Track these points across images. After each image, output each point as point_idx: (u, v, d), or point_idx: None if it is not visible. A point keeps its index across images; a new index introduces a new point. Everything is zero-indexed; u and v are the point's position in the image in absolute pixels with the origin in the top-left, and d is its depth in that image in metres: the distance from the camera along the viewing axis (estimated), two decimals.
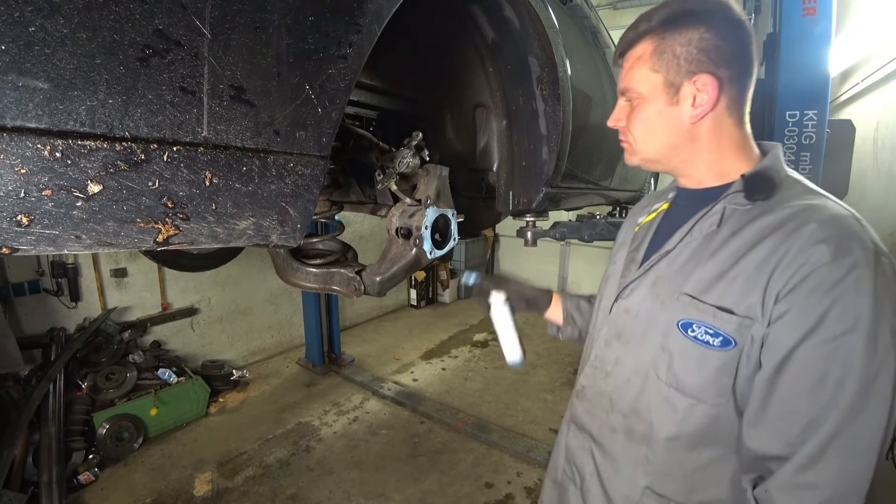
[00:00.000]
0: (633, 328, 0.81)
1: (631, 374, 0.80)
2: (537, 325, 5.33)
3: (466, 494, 2.55)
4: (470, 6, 1.15)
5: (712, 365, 0.68)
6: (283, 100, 0.52)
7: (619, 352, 0.83)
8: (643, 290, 0.80)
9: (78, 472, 2.54)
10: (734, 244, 0.69)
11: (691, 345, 0.70)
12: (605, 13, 5.76)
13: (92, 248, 0.43)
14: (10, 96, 0.35)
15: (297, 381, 3.92)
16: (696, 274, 0.71)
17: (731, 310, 0.66)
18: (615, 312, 0.85)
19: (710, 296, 0.69)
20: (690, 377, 0.71)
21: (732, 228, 0.70)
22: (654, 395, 0.75)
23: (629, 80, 0.76)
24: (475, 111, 1.36)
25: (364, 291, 0.95)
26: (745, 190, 0.71)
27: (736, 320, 0.66)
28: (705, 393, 0.69)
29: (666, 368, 0.73)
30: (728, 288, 0.67)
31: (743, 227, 0.69)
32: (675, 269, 0.76)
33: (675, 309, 0.72)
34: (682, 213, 0.81)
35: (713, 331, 0.68)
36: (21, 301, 2.88)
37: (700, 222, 0.75)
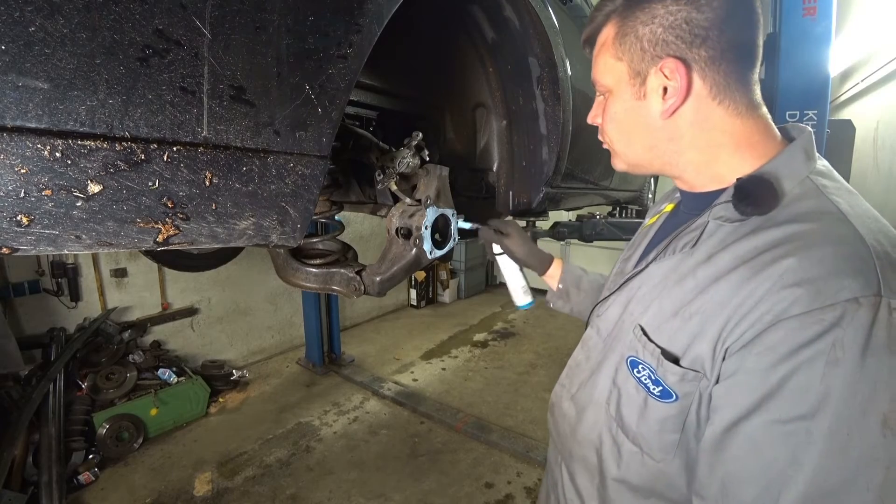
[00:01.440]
0: (598, 351, 0.72)
1: (588, 402, 0.70)
2: (538, 325, 5.35)
3: (466, 494, 2.55)
4: (470, 6, 1.15)
5: (654, 415, 0.58)
6: (283, 100, 0.52)
7: (584, 376, 0.73)
8: (616, 309, 0.69)
9: (78, 472, 2.54)
10: (703, 273, 0.55)
11: (635, 386, 0.61)
12: None
13: (92, 248, 0.43)
14: (10, 96, 0.35)
15: (297, 381, 3.92)
16: (657, 304, 0.60)
17: (676, 357, 0.55)
18: (589, 331, 0.77)
19: (661, 334, 0.58)
20: (633, 422, 0.61)
21: (709, 251, 0.56)
22: (604, 429, 0.66)
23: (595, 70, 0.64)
24: (475, 111, 1.36)
25: (364, 291, 0.95)
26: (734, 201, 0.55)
27: (679, 372, 0.54)
28: (648, 445, 0.59)
29: (615, 407, 0.64)
30: (681, 328, 0.55)
31: (719, 251, 0.55)
32: (644, 291, 0.64)
33: (629, 341, 0.63)
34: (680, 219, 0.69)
35: (654, 378, 0.57)
36: (21, 301, 2.88)
37: (677, 239, 0.62)
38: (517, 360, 4.32)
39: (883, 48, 2.81)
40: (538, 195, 1.31)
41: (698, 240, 0.58)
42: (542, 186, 1.29)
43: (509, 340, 4.88)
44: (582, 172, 1.57)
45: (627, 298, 0.67)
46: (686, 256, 0.59)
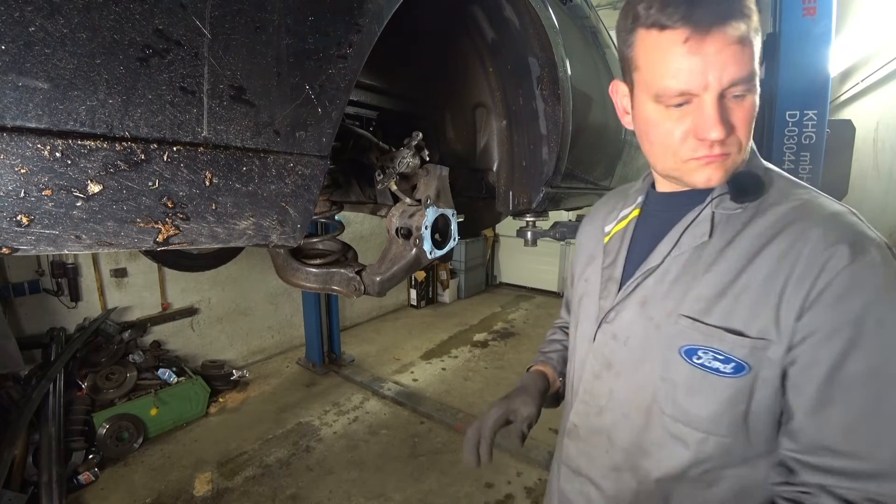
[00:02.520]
0: (624, 356, 0.71)
1: (629, 407, 0.70)
2: (537, 324, 5.35)
3: (466, 494, 2.55)
4: (470, 6, 1.15)
5: (725, 394, 0.60)
6: (283, 100, 0.52)
7: (612, 383, 0.73)
8: (631, 312, 0.71)
9: (78, 472, 2.54)
10: (731, 255, 0.62)
11: (699, 373, 0.62)
12: (605, 13, 5.76)
13: (92, 248, 0.43)
14: (10, 96, 0.35)
15: (297, 381, 3.92)
16: (694, 292, 0.63)
17: (740, 331, 0.59)
18: (601, 340, 0.75)
19: (712, 316, 0.61)
20: (700, 409, 0.62)
21: (726, 237, 0.63)
22: (659, 430, 0.67)
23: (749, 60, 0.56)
24: (475, 111, 1.36)
25: (364, 291, 0.95)
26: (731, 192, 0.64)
27: (748, 343, 0.58)
28: (718, 424, 0.62)
29: (671, 401, 0.65)
30: (733, 306, 0.60)
31: (737, 234, 0.63)
32: (665, 287, 0.67)
33: (674, 333, 0.64)
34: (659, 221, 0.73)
35: (723, 356, 0.60)
36: (21, 301, 2.88)
37: (688, 232, 0.67)
38: (517, 360, 4.32)
39: (883, 48, 2.81)
40: (538, 195, 1.31)
41: (712, 230, 0.65)
42: (542, 186, 1.29)
43: (509, 340, 4.88)
44: (582, 172, 1.57)
45: (642, 298, 0.70)
46: (703, 245, 0.65)
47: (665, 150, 0.64)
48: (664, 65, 0.58)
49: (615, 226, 0.82)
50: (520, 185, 1.34)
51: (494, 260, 7.24)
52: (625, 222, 0.80)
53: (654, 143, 0.66)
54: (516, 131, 1.31)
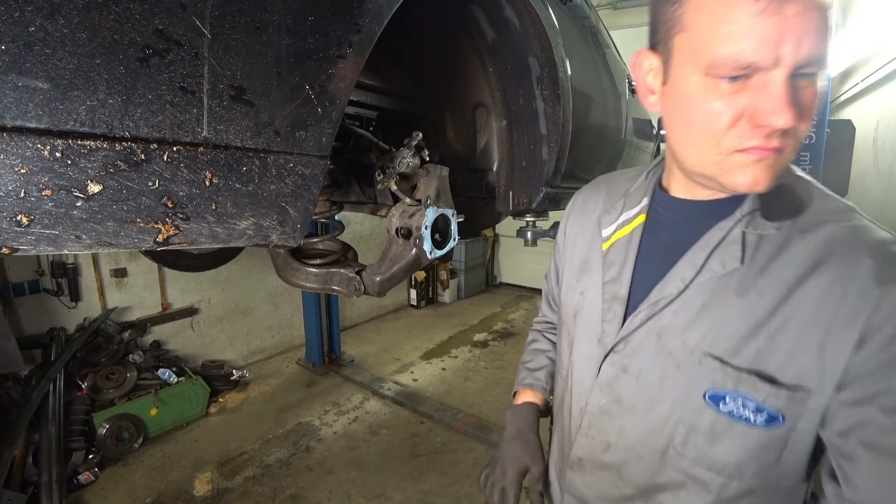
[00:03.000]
0: (636, 393, 0.63)
1: (642, 448, 0.63)
2: None
3: (466, 494, 2.55)
4: (470, 6, 1.15)
5: (754, 443, 0.54)
6: (283, 100, 0.52)
7: (622, 421, 0.65)
8: (645, 343, 0.62)
9: (78, 472, 2.54)
10: (766, 287, 0.53)
11: (725, 421, 0.55)
12: (605, 13, 5.76)
13: (92, 248, 0.43)
14: (10, 96, 0.35)
15: (297, 381, 3.92)
16: (721, 327, 0.55)
17: (774, 378, 0.52)
18: (608, 372, 0.66)
19: (742, 357, 0.54)
20: (725, 456, 0.56)
21: (759, 263, 0.54)
22: (676, 471, 0.60)
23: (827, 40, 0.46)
24: (475, 111, 1.36)
25: (364, 291, 0.95)
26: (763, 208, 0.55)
27: (784, 394, 0.51)
28: (743, 471, 0.56)
29: (691, 446, 0.58)
30: (768, 347, 0.52)
31: (771, 261, 0.54)
32: (686, 319, 0.58)
33: (697, 374, 0.56)
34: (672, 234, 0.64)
35: (754, 405, 0.53)
36: (21, 301, 2.88)
37: (715, 256, 0.57)
38: (517, 360, 4.29)
39: (883, 48, 2.81)
40: (538, 195, 1.31)
41: (743, 254, 0.55)
42: (542, 186, 1.29)
43: (509, 340, 4.88)
44: (582, 172, 1.57)
45: (658, 330, 0.61)
46: (732, 272, 0.56)
47: (706, 137, 0.51)
48: (727, 24, 0.45)
49: (615, 231, 0.70)
50: (520, 185, 1.34)
51: (494, 260, 7.24)
52: (628, 228, 0.69)
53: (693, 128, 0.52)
54: (516, 131, 1.31)
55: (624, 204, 0.72)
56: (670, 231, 0.64)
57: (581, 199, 0.85)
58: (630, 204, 0.71)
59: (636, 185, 0.72)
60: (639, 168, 0.77)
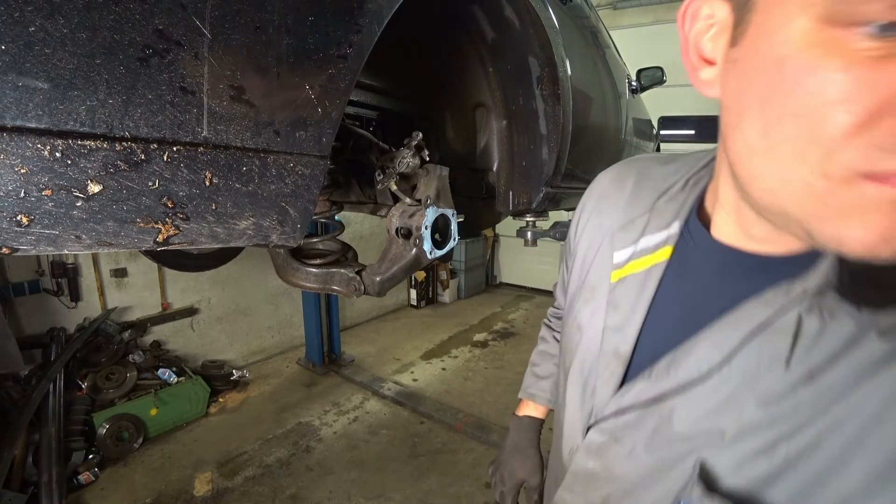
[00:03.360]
0: (629, 468, 0.51)
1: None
2: (537, 325, 5.33)
3: (466, 494, 2.55)
4: (470, 6, 1.15)
5: None
6: (283, 100, 0.52)
7: (611, 489, 0.53)
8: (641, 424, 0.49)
9: (78, 472, 2.54)
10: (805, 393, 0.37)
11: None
12: (605, 13, 5.77)
13: (92, 248, 0.43)
14: (10, 96, 0.35)
15: (297, 381, 3.92)
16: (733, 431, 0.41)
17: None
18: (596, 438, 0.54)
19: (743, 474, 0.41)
20: None
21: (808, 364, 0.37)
22: None
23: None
24: (475, 111, 1.36)
25: (364, 291, 0.95)
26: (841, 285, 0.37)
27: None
28: None
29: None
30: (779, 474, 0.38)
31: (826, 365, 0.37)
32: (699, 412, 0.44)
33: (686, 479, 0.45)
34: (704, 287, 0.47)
35: None
36: (21, 301, 2.88)
37: (752, 343, 0.40)
38: (517, 360, 4.32)
39: None
40: (538, 195, 1.31)
41: (794, 344, 0.38)
42: (542, 186, 1.29)
43: (509, 340, 4.88)
44: (582, 172, 1.57)
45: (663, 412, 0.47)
46: (773, 364, 0.39)
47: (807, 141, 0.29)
48: None
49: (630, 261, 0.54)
50: (520, 185, 1.34)
51: (494, 260, 7.24)
52: (646, 263, 0.52)
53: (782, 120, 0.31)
54: (516, 131, 1.31)
55: (647, 222, 0.53)
56: (698, 283, 0.47)
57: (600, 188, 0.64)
58: (654, 226, 0.52)
59: (669, 195, 0.53)
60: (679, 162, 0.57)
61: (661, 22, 5.71)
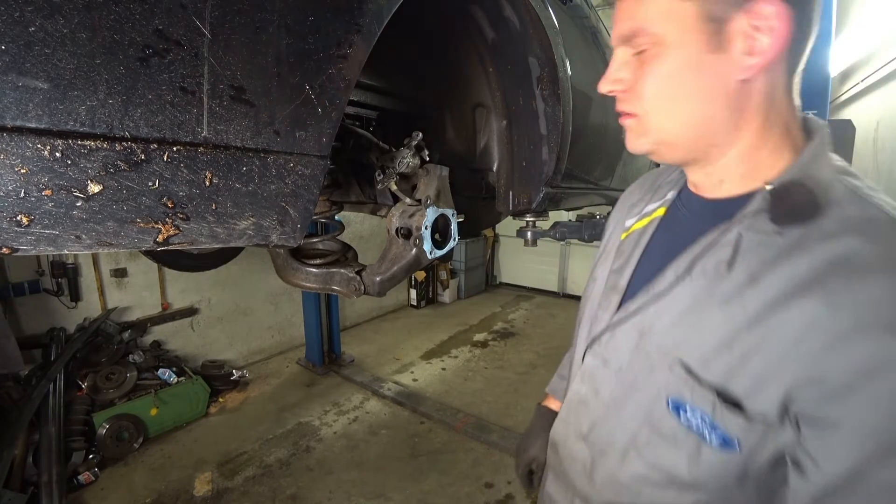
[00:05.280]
0: (612, 386, 0.62)
1: (606, 445, 0.62)
2: (538, 325, 5.35)
3: (466, 494, 2.55)
4: (470, 6, 1.15)
5: (708, 461, 0.51)
6: (283, 100, 0.52)
7: (596, 415, 0.64)
8: (627, 340, 0.60)
9: (78, 472, 2.54)
10: (751, 297, 0.48)
11: (683, 430, 0.52)
12: (605, 13, 5.76)
13: (92, 248, 0.43)
14: (10, 96, 0.35)
15: (297, 381, 3.92)
16: (697, 334, 0.52)
17: (738, 401, 0.48)
18: (591, 363, 0.66)
19: (710, 371, 0.50)
20: (679, 468, 0.53)
21: (750, 270, 0.49)
22: (635, 476, 0.59)
23: (640, 15, 0.50)
24: (475, 111, 1.36)
25: (364, 291, 0.95)
26: (771, 210, 0.49)
27: (741, 422, 0.47)
28: (698, 487, 0.53)
29: (651, 451, 0.56)
30: (739, 367, 0.48)
31: (765, 270, 0.47)
32: (668, 321, 0.55)
33: (667, 380, 0.54)
34: (681, 229, 0.61)
35: (710, 423, 0.49)
36: (21, 301, 2.88)
37: (703, 258, 0.53)
38: (517, 360, 4.32)
39: (883, 48, 2.81)
40: (538, 195, 1.31)
41: (734, 257, 0.50)
42: (542, 186, 1.29)
43: (509, 340, 4.88)
44: (582, 172, 1.57)
45: (642, 327, 0.58)
46: (720, 277, 0.51)
47: None
48: None
49: (636, 222, 0.69)
50: (520, 185, 1.34)
51: (494, 260, 7.24)
52: (646, 220, 0.67)
53: None
54: (516, 131, 1.31)
55: (651, 198, 0.70)
56: (680, 228, 0.61)
57: (629, 189, 0.82)
58: (657, 197, 0.69)
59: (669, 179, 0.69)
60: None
61: None
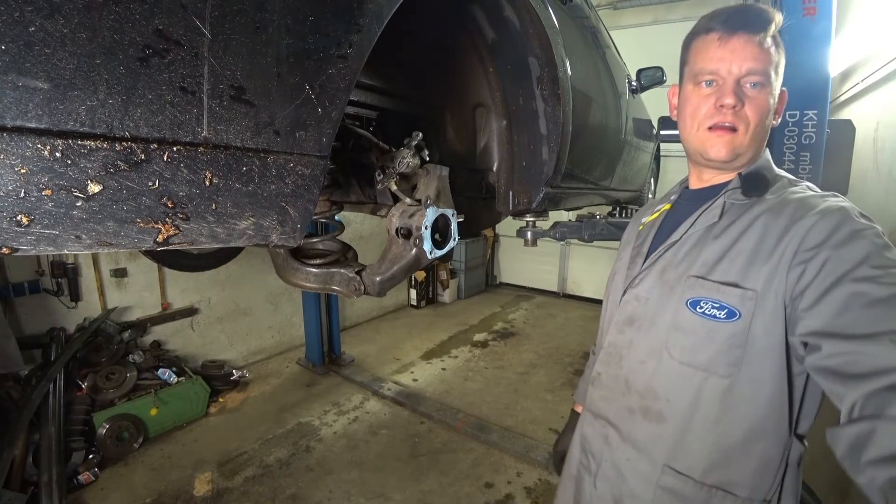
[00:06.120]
0: (644, 313, 0.86)
1: (645, 355, 0.84)
2: (538, 325, 5.35)
3: (466, 494, 2.55)
4: (470, 6, 1.15)
5: (720, 336, 0.73)
6: (283, 100, 0.52)
7: (632, 336, 0.87)
8: (652, 277, 0.86)
9: (78, 472, 2.54)
10: (732, 230, 0.77)
11: (700, 320, 0.75)
12: (605, 13, 5.76)
13: (92, 248, 0.43)
14: (10, 96, 0.34)
15: (297, 381, 3.92)
16: (701, 257, 0.78)
17: (735, 283, 0.72)
18: (626, 300, 0.90)
19: (714, 274, 0.75)
20: (701, 351, 0.75)
21: (731, 218, 0.79)
22: (667, 372, 0.79)
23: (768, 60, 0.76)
24: (475, 111, 1.36)
25: (364, 291, 0.95)
26: (742, 186, 0.79)
27: (738, 293, 0.71)
28: (716, 364, 0.74)
29: (678, 345, 0.78)
30: (730, 266, 0.74)
31: (740, 216, 0.78)
32: (680, 256, 0.82)
33: (683, 290, 0.78)
34: (684, 211, 0.88)
35: (718, 304, 0.73)
36: (21, 301, 2.88)
37: (703, 215, 0.82)
38: (517, 360, 4.32)
39: (882, 48, 2.80)
40: (538, 195, 1.31)
41: (721, 213, 0.80)
42: (542, 186, 1.29)
43: (509, 340, 4.88)
44: (582, 172, 1.57)
45: (662, 267, 0.85)
46: (714, 225, 0.80)
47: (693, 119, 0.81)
48: (704, 53, 0.79)
49: (649, 216, 0.99)
50: (520, 185, 1.34)
51: (494, 260, 7.24)
52: (657, 214, 0.97)
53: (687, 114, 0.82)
54: (516, 131, 1.31)
55: (659, 203, 1.01)
56: (684, 210, 0.89)
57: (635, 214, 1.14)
58: (662, 201, 1.00)
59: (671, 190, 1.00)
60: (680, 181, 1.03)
61: (661, 22, 5.71)
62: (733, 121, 0.77)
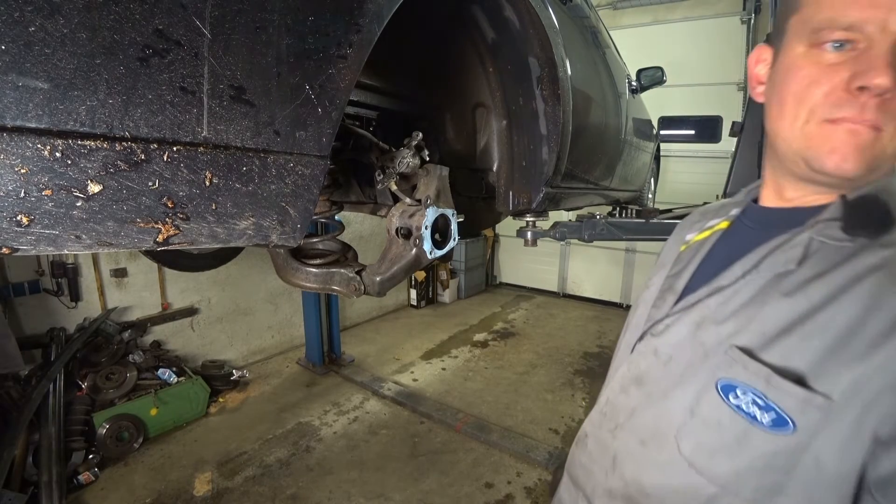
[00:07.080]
0: (659, 376, 0.61)
1: (646, 434, 0.60)
2: (538, 325, 5.35)
3: (466, 494, 2.55)
4: (470, 6, 1.15)
5: (755, 447, 0.48)
6: (283, 100, 0.52)
7: (637, 402, 0.63)
8: (682, 330, 0.60)
9: (78, 472, 2.54)
10: (816, 288, 0.49)
11: (730, 414, 0.50)
12: (605, 13, 5.77)
13: (92, 248, 0.43)
14: (10, 96, 0.34)
15: (297, 381, 3.92)
16: (757, 322, 0.52)
17: (800, 376, 0.46)
18: (640, 350, 0.66)
19: (770, 352, 0.49)
20: (722, 458, 0.51)
21: (817, 268, 0.50)
22: (669, 470, 0.56)
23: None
24: (475, 111, 1.36)
25: (364, 291, 0.95)
26: (843, 219, 0.50)
27: (800, 394, 0.45)
28: (739, 484, 0.49)
29: (692, 439, 0.54)
30: (799, 346, 0.47)
31: (833, 267, 0.49)
32: (728, 311, 0.55)
33: (718, 364, 0.53)
34: (746, 238, 0.61)
35: (763, 401, 0.47)
36: (21, 301, 2.88)
37: (772, 255, 0.54)
38: (517, 360, 4.32)
39: None
40: (538, 195, 1.31)
41: (803, 257, 0.52)
42: (542, 186, 1.29)
43: (509, 340, 4.88)
44: (582, 172, 1.57)
45: (700, 319, 0.58)
46: (786, 274, 0.52)
47: (798, 103, 0.51)
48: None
49: (697, 235, 0.71)
50: (520, 185, 1.34)
51: (494, 260, 7.24)
52: (708, 233, 0.69)
53: (787, 96, 0.52)
54: (516, 131, 1.31)
55: (714, 215, 0.73)
56: (746, 236, 0.62)
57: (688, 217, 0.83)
58: (720, 214, 0.71)
59: (733, 200, 0.72)
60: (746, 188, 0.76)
61: (661, 22, 5.72)
62: (876, 117, 0.46)
